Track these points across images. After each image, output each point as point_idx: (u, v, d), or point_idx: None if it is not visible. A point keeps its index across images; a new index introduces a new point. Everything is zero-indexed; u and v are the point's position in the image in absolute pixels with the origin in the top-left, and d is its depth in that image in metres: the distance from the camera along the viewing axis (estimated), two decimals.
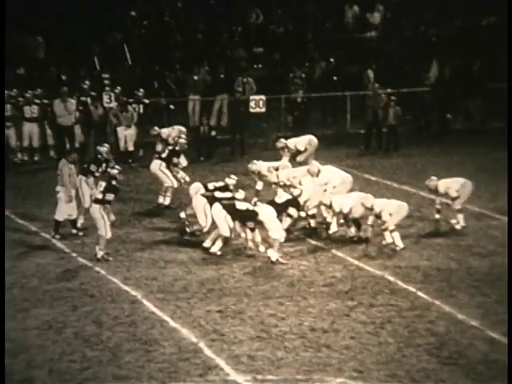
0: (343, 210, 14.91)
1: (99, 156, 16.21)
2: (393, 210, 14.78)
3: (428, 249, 14.84)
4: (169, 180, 17.35)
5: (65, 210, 15.45)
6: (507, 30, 22.84)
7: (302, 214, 15.24)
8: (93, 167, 15.95)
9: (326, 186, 15.76)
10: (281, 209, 14.77)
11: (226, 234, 14.55)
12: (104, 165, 15.98)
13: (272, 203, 14.78)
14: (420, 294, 12.88)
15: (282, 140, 18.60)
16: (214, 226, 14.80)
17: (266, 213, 14.37)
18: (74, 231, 15.61)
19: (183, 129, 19.04)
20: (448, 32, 27.00)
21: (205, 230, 15.08)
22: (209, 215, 14.89)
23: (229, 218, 14.51)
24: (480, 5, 27.30)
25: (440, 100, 24.49)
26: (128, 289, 13.24)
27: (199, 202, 15.15)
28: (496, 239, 15.25)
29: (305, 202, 15.33)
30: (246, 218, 14.46)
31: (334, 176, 16.06)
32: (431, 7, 27.75)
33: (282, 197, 15.06)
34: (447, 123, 24.68)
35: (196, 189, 15.57)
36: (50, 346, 11.30)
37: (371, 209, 14.76)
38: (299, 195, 15.08)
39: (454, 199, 15.56)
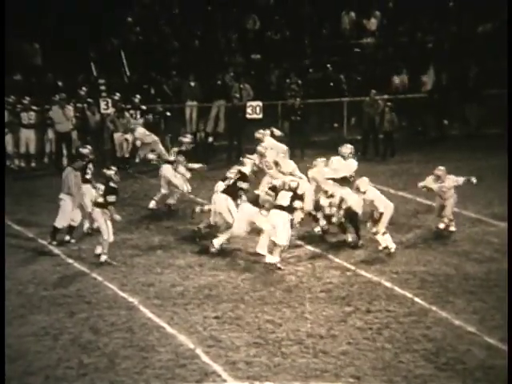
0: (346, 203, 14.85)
1: (80, 159, 15.71)
2: (382, 205, 14.80)
3: (425, 254, 14.84)
4: (181, 184, 17.20)
5: (68, 217, 15.37)
6: (507, 36, 22.88)
7: (306, 206, 15.03)
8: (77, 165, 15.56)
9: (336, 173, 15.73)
10: (290, 210, 14.58)
11: (238, 233, 14.70)
12: (90, 165, 15.72)
13: (279, 207, 14.52)
14: (417, 299, 12.87)
15: (261, 131, 18.31)
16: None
17: (279, 220, 14.25)
18: (67, 238, 15.55)
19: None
20: (445, 38, 27.10)
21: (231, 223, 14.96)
22: (233, 210, 14.88)
23: (249, 222, 14.52)
24: (476, 12, 27.42)
25: (437, 106, 24.55)
26: (125, 295, 13.22)
27: (221, 200, 15.07)
28: (493, 245, 15.25)
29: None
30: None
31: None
32: (427, 14, 27.84)
33: (284, 197, 14.80)
34: (444, 129, 24.73)
35: (220, 187, 15.50)
36: (47, 352, 11.27)
37: (364, 192, 14.78)
38: (297, 187, 14.78)
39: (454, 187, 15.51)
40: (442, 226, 15.63)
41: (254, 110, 23.62)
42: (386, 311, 12.42)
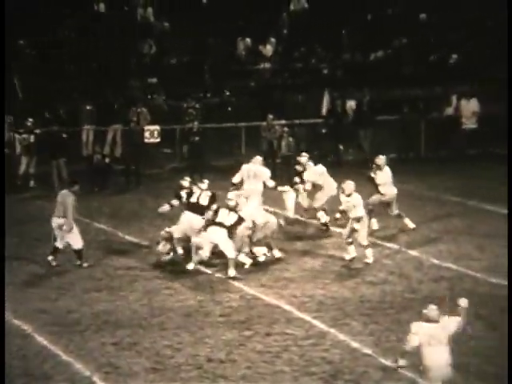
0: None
1: None
2: (260, 221, 15.37)
3: (322, 277, 15.00)
4: (290, 209, 17.36)
5: (80, 237, 15.39)
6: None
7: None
8: None
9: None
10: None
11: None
12: None
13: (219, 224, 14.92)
14: (315, 322, 12.98)
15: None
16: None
17: (219, 236, 14.74)
18: (50, 258, 15.38)
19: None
20: (338, 65, 27.68)
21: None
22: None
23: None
24: (368, 40, 28.16)
25: (332, 131, 24.99)
26: (18, 322, 12.89)
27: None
28: (387, 267, 15.54)
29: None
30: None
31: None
32: (322, 41, 28.39)
33: (226, 216, 15.05)
34: (340, 154, 25.15)
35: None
36: None
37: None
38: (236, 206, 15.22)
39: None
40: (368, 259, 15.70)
41: (151, 134, 23.53)
42: (284, 334, 12.48)
